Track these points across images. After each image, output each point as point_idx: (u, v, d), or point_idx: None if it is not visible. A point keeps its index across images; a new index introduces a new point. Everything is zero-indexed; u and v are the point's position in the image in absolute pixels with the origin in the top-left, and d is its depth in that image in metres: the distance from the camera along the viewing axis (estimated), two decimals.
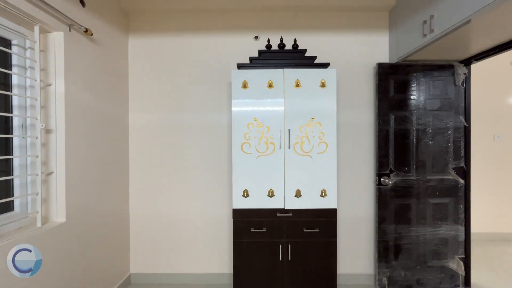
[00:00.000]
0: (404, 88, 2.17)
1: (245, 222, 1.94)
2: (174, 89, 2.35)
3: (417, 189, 2.15)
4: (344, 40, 2.31)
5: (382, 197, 2.16)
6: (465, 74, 2.15)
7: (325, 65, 1.99)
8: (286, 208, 1.94)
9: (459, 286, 2.18)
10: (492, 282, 2.34)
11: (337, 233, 2.00)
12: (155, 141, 2.35)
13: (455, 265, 2.17)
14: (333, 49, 2.30)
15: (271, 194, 1.94)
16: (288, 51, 2.05)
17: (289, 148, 1.93)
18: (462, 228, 2.17)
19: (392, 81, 2.16)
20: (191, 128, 2.34)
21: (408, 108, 2.16)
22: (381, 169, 2.16)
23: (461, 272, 2.16)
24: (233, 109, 1.94)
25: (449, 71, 2.16)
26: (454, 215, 2.17)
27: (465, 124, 2.17)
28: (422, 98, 2.16)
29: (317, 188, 1.94)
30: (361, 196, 2.31)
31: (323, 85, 1.93)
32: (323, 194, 1.94)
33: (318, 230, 1.92)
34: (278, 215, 1.93)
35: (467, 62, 2.14)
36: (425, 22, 1.77)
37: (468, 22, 1.45)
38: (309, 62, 2.01)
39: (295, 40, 2.08)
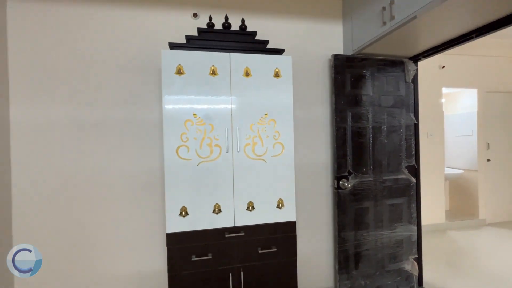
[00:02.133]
0: (360, 83, 2.01)
1: (184, 249, 1.49)
2: (82, 76, 1.73)
3: (375, 191, 2.03)
4: (298, 28, 2.05)
5: (342, 202, 1.97)
6: (414, 70, 2.12)
7: (279, 52, 1.68)
8: (236, 225, 1.56)
9: (414, 287, 2.13)
10: (438, 277, 2.39)
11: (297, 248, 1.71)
12: (52, 146, 1.69)
13: (410, 266, 2.12)
14: (286, 37, 2.01)
15: (217, 210, 1.53)
16: (235, 32, 1.67)
17: (239, 151, 1.56)
18: (415, 228, 2.13)
19: (348, 74, 1.99)
20: (107, 128, 1.76)
21: (365, 104, 2.02)
22: (340, 172, 1.96)
23: (415, 272, 2.12)
24: (164, 102, 1.47)
25: (400, 67, 2.10)
26: (408, 215, 2.11)
27: (415, 121, 2.14)
28: (377, 94, 2.04)
29: (273, 198, 1.61)
30: (319, 203, 2.09)
31: (277, 75, 1.62)
32: (280, 205, 1.62)
33: (275, 249, 1.59)
34: (226, 235, 1.53)
35: (416, 59, 2.10)
36: (384, 8, 1.61)
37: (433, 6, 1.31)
38: (261, 47, 1.68)
39: (243, 21, 1.72)
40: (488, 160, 3.73)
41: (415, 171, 2.13)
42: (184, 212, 1.49)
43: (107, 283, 1.75)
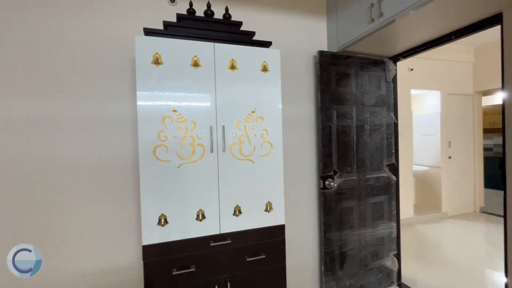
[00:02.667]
0: (345, 81, 1.99)
1: (163, 262, 1.32)
2: (45, 65, 1.46)
3: (359, 189, 2.02)
4: (283, 21, 1.96)
5: (328, 202, 1.93)
6: (394, 70, 2.16)
7: (266, 44, 1.58)
8: (222, 232, 1.42)
9: (393, 282, 2.18)
10: (412, 269, 2.49)
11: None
12: (11, 142, 1.40)
13: (390, 262, 2.16)
14: (271, 30, 1.92)
15: (200, 217, 1.38)
16: (219, 21, 1.53)
17: (224, 151, 1.43)
18: (395, 224, 2.18)
19: (333, 72, 1.95)
20: (74, 124, 1.51)
21: (349, 103, 2.00)
22: (325, 171, 1.92)
23: (395, 268, 2.16)
24: (139, 95, 1.28)
25: (381, 67, 2.12)
26: (389, 213, 2.15)
27: (395, 120, 2.18)
28: (360, 93, 2.04)
29: (261, 201, 1.51)
30: (306, 204, 2.03)
31: (265, 69, 1.51)
32: (269, 208, 1.52)
33: (264, 256, 1.49)
34: (211, 244, 1.39)
35: (395, 59, 2.14)
36: (372, 5, 1.59)
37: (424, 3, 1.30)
38: (247, 39, 1.55)
39: (227, 9, 1.58)
40: (450, 157, 4.03)
41: (395, 169, 2.17)
42: (163, 220, 1.32)
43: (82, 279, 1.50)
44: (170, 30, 1.42)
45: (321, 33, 2.07)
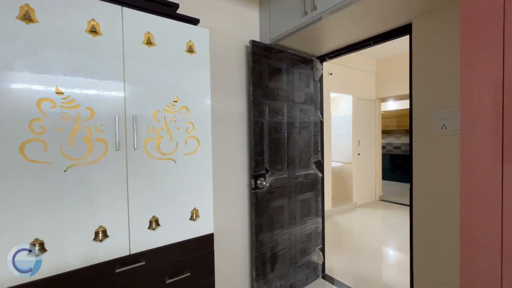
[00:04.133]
0: (277, 76, 1.92)
1: None
2: None
3: (289, 187, 1.99)
4: (215, 3, 1.74)
5: (259, 203, 1.81)
6: (321, 70, 2.22)
7: (193, 21, 1.33)
8: (133, 253, 1.11)
9: (319, 275, 2.26)
10: (331, 259, 2.66)
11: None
12: None
13: (316, 256, 2.23)
14: (201, 10, 1.66)
15: (101, 236, 1.03)
16: None
17: (136, 148, 1.11)
18: (320, 219, 2.26)
19: (266, 65, 1.85)
20: None
21: (281, 98, 1.94)
22: (257, 170, 1.80)
23: (321, 261, 2.25)
24: None
25: (310, 65, 2.15)
26: (315, 208, 2.21)
27: (321, 119, 2.26)
28: (291, 90, 2.01)
29: (185, 209, 1.26)
30: (237, 206, 1.86)
31: (190, 49, 1.26)
32: (195, 215, 1.28)
33: (189, 273, 1.24)
34: (117, 271, 1.06)
35: (322, 59, 2.21)
36: None
37: None
38: (169, 10, 1.27)
39: None
40: (359, 154, 4.60)
41: (321, 166, 2.25)
42: (39, 246, 0.91)
43: None
44: None
45: (254, 23, 1.94)
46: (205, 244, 1.31)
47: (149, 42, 1.15)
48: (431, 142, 1.50)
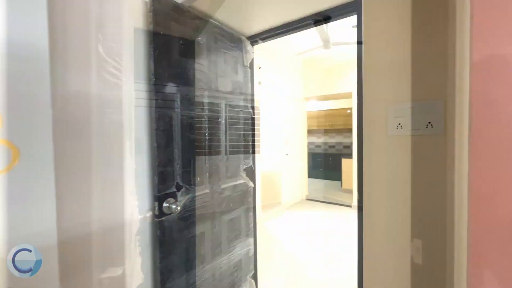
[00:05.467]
0: (192, 52, 1.36)
1: None
2: None
3: (212, 206, 1.47)
4: None
5: (167, 236, 1.22)
6: (252, 53, 1.78)
7: None
8: None
9: None
10: (264, 273, 2.29)
11: None
12: None
13: (248, 286, 1.78)
14: None
15: None
16: None
17: None
18: (252, 240, 1.83)
19: (177, 34, 1.27)
20: None
21: (200, 84, 1.40)
22: (164, 187, 1.21)
23: None
24: None
25: (239, 45, 1.68)
26: (246, 227, 1.76)
27: (253, 115, 1.82)
28: (214, 74, 1.49)
29: None
30: (128, 250, 1.20)
31: None
32: None
33: None
34: None
35: (253, 41, 1.78)
36: None
37: None
38: None
39: None
40: (287, 154, 4.45)
41: (252, 173, 1.81)
42: None
43: None
44: None
45: None
46: None
47: None
48: (384, 143, 1.24)
